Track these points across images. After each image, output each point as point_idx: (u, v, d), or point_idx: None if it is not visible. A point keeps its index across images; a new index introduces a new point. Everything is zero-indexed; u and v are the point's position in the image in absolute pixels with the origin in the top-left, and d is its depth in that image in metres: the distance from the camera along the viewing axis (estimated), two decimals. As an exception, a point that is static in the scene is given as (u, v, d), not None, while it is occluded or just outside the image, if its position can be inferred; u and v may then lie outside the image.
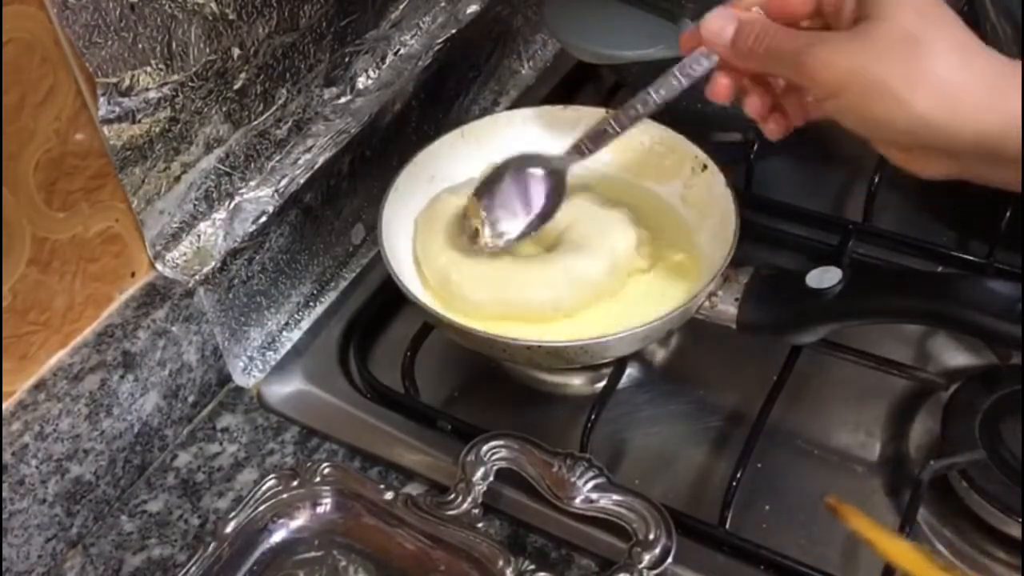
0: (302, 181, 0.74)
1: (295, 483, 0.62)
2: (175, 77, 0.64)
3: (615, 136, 0.65)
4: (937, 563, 0.52)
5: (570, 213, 0.73)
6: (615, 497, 0.60)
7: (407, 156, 0.76)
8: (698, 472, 0.68)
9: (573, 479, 0.61)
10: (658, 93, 0.61)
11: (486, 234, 0.69)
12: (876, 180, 0.79)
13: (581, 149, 0.67)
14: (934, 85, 0.47)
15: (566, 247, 0.71)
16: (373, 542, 0.62)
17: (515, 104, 0.96)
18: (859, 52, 0.48)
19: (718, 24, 0.55)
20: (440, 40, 0.85)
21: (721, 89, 0.58)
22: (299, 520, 0.62)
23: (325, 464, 0.63)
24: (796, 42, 0.51)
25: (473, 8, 0.88)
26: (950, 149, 0.48)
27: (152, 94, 0.63)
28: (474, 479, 0.61)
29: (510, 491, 0.64)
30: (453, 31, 0.86)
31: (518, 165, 0.70)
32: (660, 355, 0.75)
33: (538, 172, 0.69)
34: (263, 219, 0.72)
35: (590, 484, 0.61)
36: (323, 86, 0.78)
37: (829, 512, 0.55)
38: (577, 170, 0.78)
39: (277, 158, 0.75)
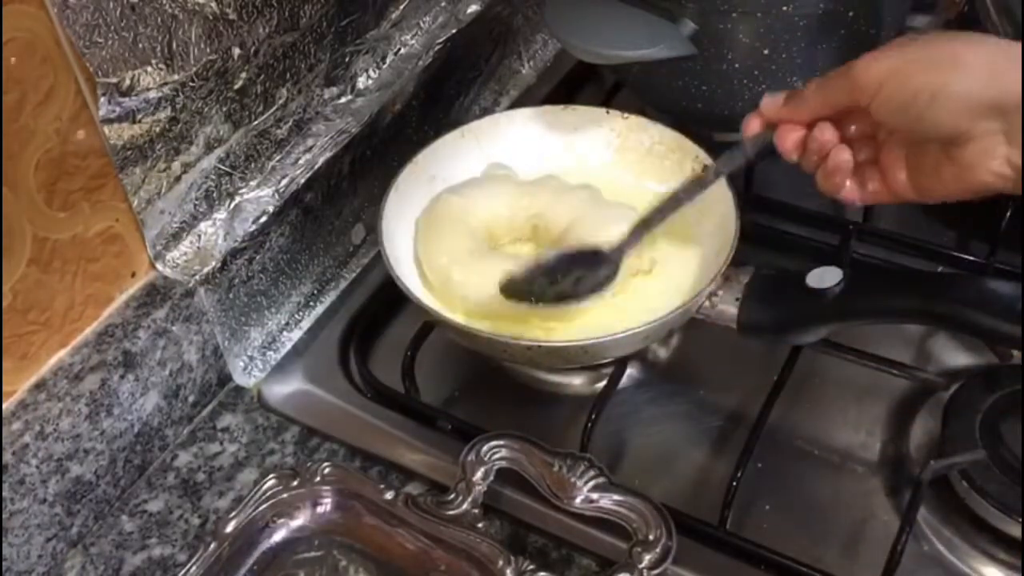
0: (302, 181, 0.74)
1: (295, 483, 0.62)
2: (175, 77, 0.64)
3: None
4: None
5: (571, 213, 0.73)
6: (615, 497, 0.60)
7: (407, 156, 0.76)
8: (698, 472, 0.68)
9: (573, 479, 0.61)
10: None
11: None
12: (876, 180, 0.79)
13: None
14: (967, 63, 0.54)
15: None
16: (373, 542, 0.62)
17: (515, 104, 0.96)
18: (897, 54, 0.56)
19: (770, 98, 0.61)
20: (440, 40, 0.85)
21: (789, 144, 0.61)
22: (299, 520, 0.62)
23: (325, 464, 0.63)
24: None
25: (473, 8, 0.88)
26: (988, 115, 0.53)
27: (152, 94, 0.63)
28: (474, 479, 0.61)
29: (510, 491, 0.64)
30: (453, 31, 0.86)
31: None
32: (660, 355, 0.75)
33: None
34: (263, 219, 0.72)
35: (590, 484, 0.61)
36: (323, 86, 0.78)
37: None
38: (578, 170, 0.79)
39: (277, 158, 0.75)
